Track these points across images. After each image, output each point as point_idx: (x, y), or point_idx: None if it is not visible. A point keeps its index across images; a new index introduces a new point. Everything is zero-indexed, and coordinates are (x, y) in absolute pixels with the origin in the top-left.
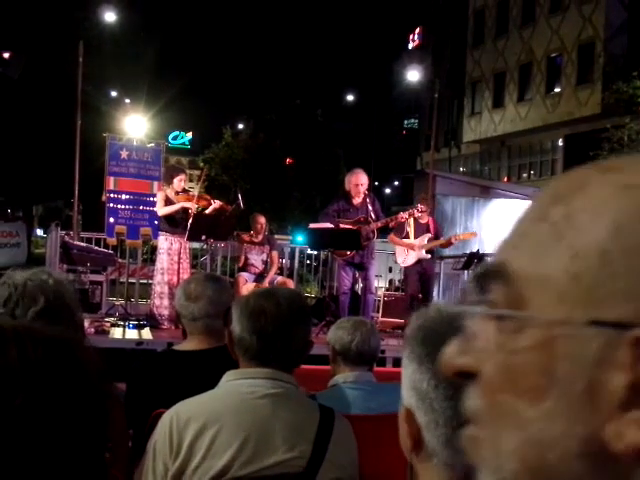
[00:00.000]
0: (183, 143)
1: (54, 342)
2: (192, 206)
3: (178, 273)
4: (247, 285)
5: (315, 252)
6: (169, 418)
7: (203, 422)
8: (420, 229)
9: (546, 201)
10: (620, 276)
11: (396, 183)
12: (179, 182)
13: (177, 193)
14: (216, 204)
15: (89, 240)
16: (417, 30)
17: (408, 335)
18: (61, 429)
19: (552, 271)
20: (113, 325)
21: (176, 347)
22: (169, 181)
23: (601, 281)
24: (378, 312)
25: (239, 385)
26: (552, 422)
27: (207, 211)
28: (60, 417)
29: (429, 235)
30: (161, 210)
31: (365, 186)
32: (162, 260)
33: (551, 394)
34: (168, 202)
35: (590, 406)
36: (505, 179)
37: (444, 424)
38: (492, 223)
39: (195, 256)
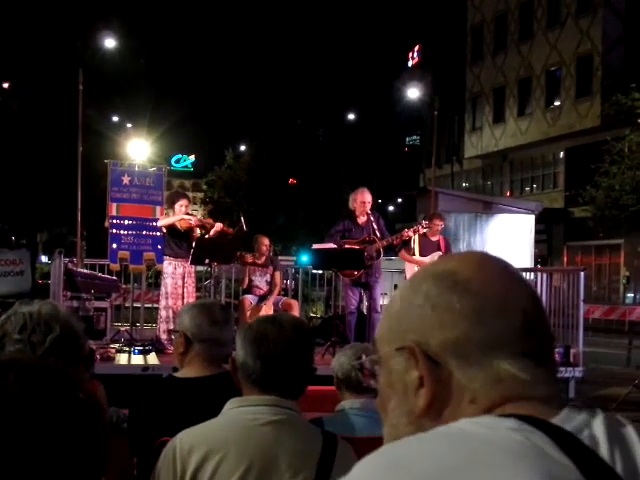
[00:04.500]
0: (186, 166)
1: (50, 372)
2: (190, 219)
3: (182, 297)
4: (252, 307)
5: (320, 272)
6: (172, 447)
7: (206, 450)
8: (431, 247)
9: None
10: (396, 325)
11: (399, 200)
12: (180, 207)
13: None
14: (217, 227)
15: (93, 267)
16: (416, 48)
17: None
18: (55, 449)
19: (382, 331)
20: (118, 351)
21: (177, 374)
22: (171, 206)
23: (394, 329)
24: None
25: (242, 412)
26: (395, 411)
27: (210, 234)
28: (54, 438)
29: (439, 253)
30: (160, 221)
31: (370, 204)
32: (166, 284)
33: (393, 396)
34: (171, 226)
35: (405, 390)
36: (508, 193)
37: None
38: (496, 238)
39: (200, 279)
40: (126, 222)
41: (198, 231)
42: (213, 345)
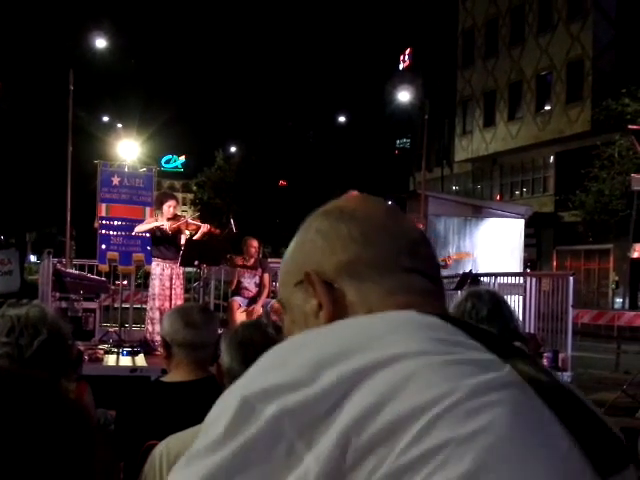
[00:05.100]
0: (176, 167)
1: (33, 381)
2: (166, 224)
3: (170, 299)
4: (241, 309)
5: None
6: (159, 452)
7: None
8: None
9: None
10: (292, 265)
11: (389, 203)
12: (168, 208)
13: (167, 219)
14: (205, 228)
15: (82, 267)
16: (407, 51)
17: None
18: (41, 457)
19: (281, 277)
20: (107, 352)
21: (164, 378)
22: (159, 207)
23: (291, 270)
24: None
25: None
26: (298, 331)
27: (196, 236)
28: (40, 446)
29: None
30: (137, 228)
31: None
32: (154, 286)
33: (296, 325)
34: (157, 229)
35: (306, 319)
36: (498, 197)
37: None
38: (485, 242)
39: (189, 280)
40: (115, 223)
41: (187, 232)
42: (191, 348)
